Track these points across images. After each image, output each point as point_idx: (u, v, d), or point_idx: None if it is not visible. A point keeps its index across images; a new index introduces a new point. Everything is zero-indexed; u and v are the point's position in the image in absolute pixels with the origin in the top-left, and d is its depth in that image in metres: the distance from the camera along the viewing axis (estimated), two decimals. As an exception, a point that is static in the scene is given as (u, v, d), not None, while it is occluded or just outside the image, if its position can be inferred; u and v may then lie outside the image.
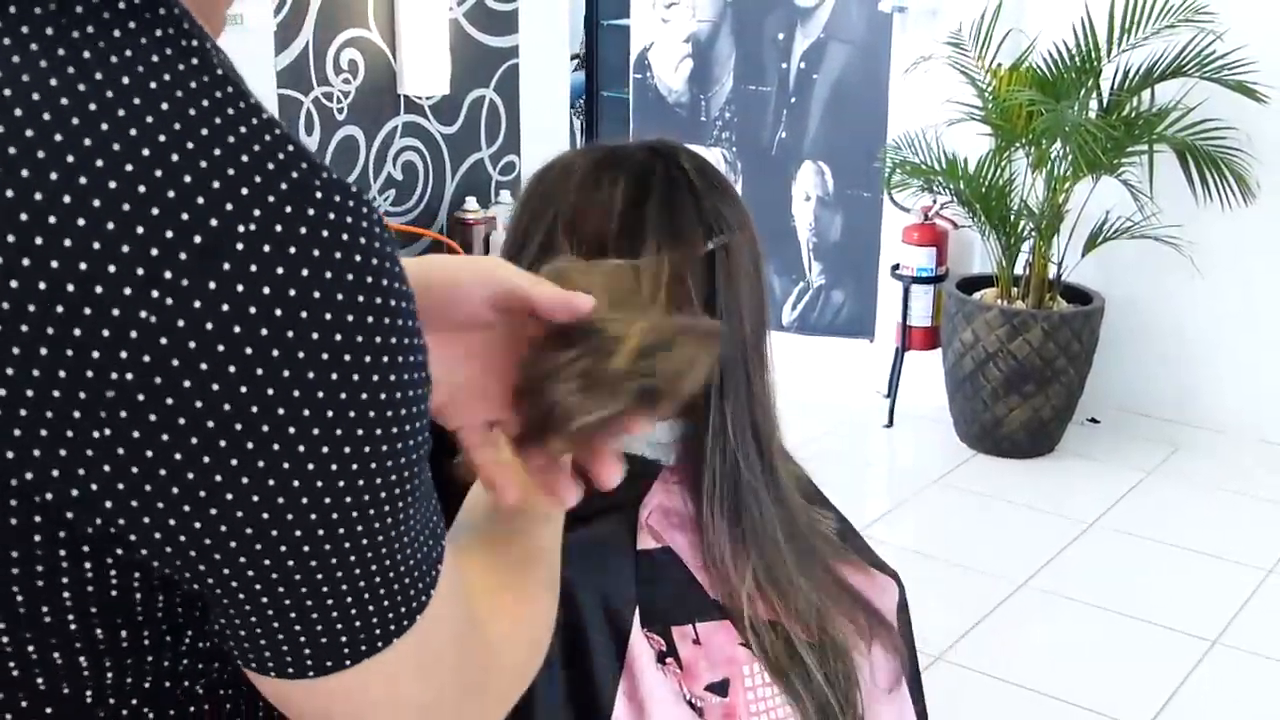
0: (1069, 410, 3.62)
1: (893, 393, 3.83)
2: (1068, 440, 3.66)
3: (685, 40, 4.33)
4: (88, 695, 0.55)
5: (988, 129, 3.46)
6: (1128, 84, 3.38)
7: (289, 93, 2.26)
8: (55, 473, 0.47)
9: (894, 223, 3.87)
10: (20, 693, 0.54)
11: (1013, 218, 3.50)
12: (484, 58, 2.61)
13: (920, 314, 3.76)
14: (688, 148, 0.97)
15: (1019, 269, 3.58)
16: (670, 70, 4.39)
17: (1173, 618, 2.81)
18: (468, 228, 2.50)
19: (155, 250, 0.45)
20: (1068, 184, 3.41)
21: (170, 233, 0.45)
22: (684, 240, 0.91)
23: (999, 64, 3.45)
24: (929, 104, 3.56)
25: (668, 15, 4.35)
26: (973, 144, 3.53)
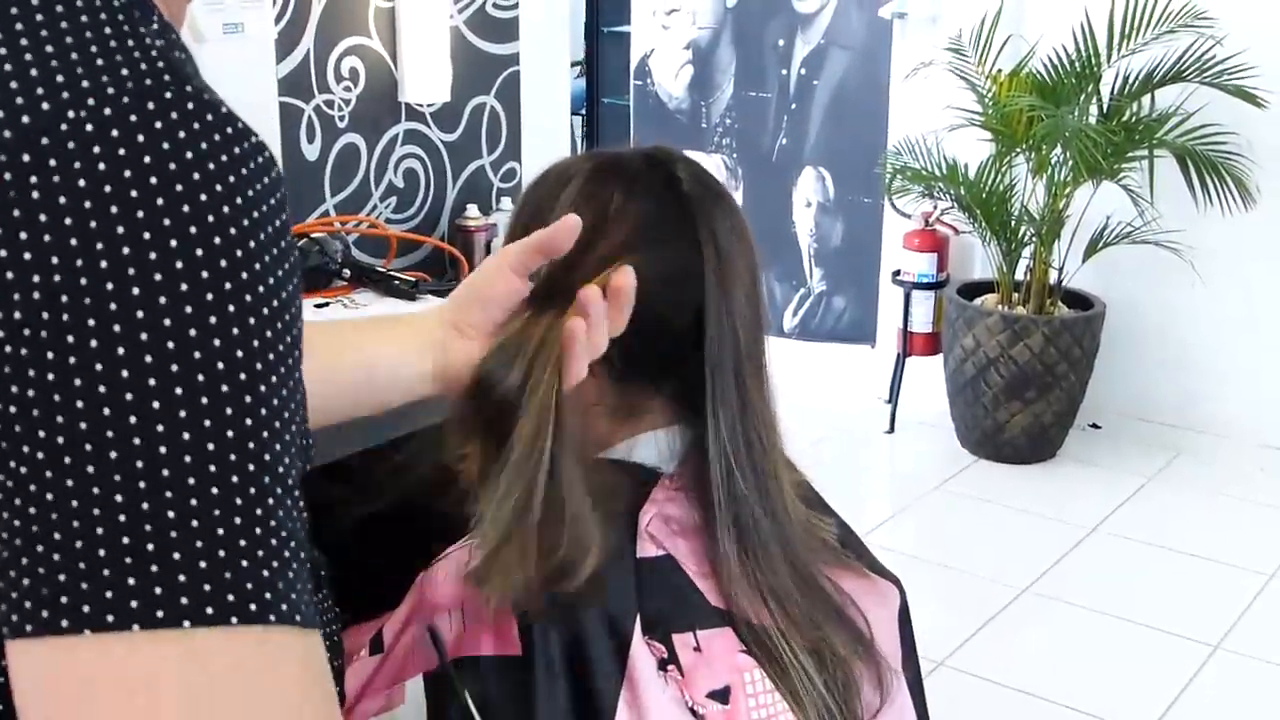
0: (1070, 416, 3.62)
1: (894, 398, 3.84)
2: (1069, 446, 3.66)
3: (685, 47, 4.34)
4: None
5: (988, 135, 3.47)
6: (1128, 89, 3.39)
7: (290, 101, 2.26)
8: None
9: (895, 228, 3.87)
10: None
11: (1013, 223, 3.50)
12: (485, 65, 2.61)
13: (921, 320, 3.77)
14: (686, 155, 0.97)
15: (1020, 274, 3.58)
16: (671, 77, 4.39)
17: (1174, 623, 2.81)
18: (469, 234, 2.50)
19: (8, 133, 0.45)
20: (1068, 189, 3.41)
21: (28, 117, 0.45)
22: (677, 249, 0.91)
23: (999, 70, 3.45)
24: (929, 110, 3.57)
25: (668, 22, 4.35)
26: (973, 150, 3.53)
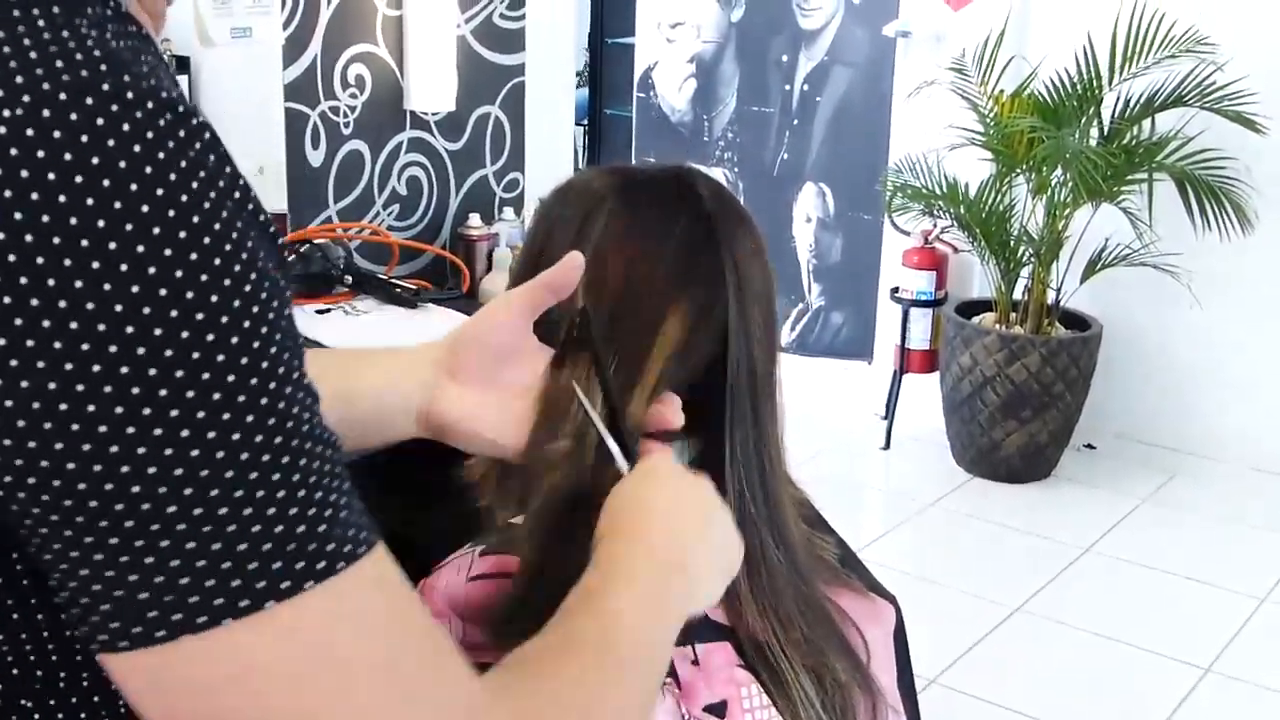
0: (1065, 436, 3.63)
1: (890, 415, 3.84)
2: (1064, 466, 3.67)
3: (689, 60, 4.35)
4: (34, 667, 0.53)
5: (989, 154, 3.48)
6: (1129, 113, 3.40)
7: (296, 106, 2.27)
8: None
9: (894, 246, 3.88)
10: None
11: (1012, 243, 3.52)
12: (490, 75, 2.63)
13: (919, 337, 3.77)
14: (706, 174, 0.98)
15: (1018, 294, 3.59)
16: (674, 90, 4.40)
17: (1166, 645, 2.82)
18: (471, 243, 2.51)
19: None
20: (1068, 211, 3.42)
21: None
22: (708, 278, 0.91)
23: (1001, 90, 3.46)
24: (931, 128, 3.58)
25: (672, 35, 4.37)
26: (974, 169, 3.54)
